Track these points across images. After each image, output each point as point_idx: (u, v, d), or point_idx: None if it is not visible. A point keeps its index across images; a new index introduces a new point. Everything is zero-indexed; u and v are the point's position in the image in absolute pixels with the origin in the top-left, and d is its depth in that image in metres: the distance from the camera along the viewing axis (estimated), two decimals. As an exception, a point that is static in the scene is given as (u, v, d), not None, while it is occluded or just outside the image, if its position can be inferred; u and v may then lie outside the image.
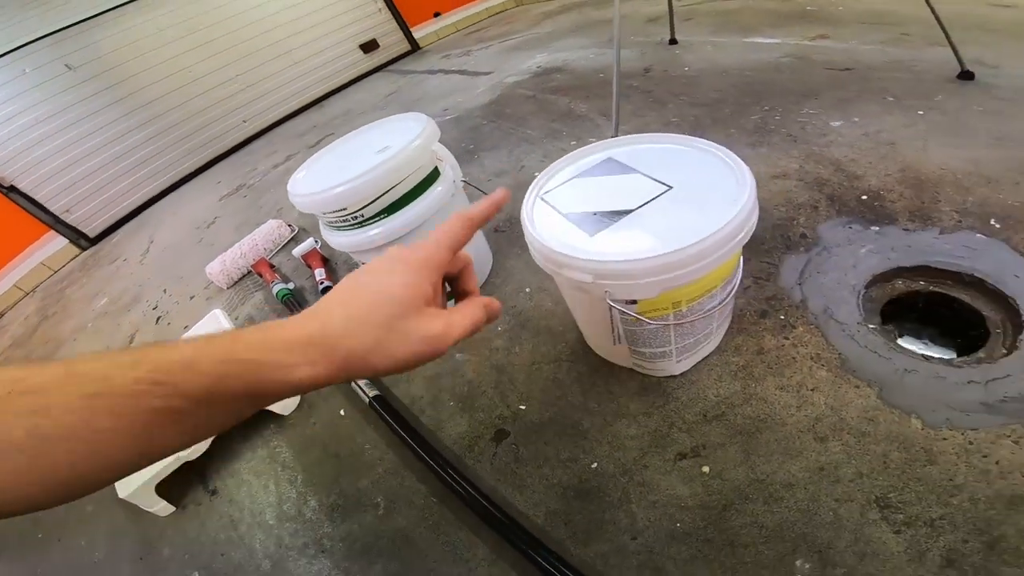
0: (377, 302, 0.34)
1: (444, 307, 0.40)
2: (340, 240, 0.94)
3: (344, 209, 0.86)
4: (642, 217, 0.63)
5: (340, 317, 0.33)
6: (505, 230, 1.28)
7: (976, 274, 0.83)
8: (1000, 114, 1.11)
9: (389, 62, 3.85)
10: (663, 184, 0.67)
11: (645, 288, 0.58)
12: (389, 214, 0.89)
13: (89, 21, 2.76)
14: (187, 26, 3.05)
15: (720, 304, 0.68)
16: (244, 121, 3.32)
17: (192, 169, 3.19)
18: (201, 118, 3.16)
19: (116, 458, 0.27)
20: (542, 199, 0.74)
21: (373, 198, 0.86)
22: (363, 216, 0.88)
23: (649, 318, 0.64)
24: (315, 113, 3.40)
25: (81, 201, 2.85)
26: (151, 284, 2.05)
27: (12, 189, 2.64)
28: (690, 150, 0.72)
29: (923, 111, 1.16)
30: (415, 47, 3.96)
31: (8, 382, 0.25)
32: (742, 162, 0.64)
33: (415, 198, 0.90)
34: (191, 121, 3.13)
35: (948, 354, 0.80)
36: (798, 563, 0.58)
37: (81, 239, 2.88)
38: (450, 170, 0.96)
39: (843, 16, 1.77)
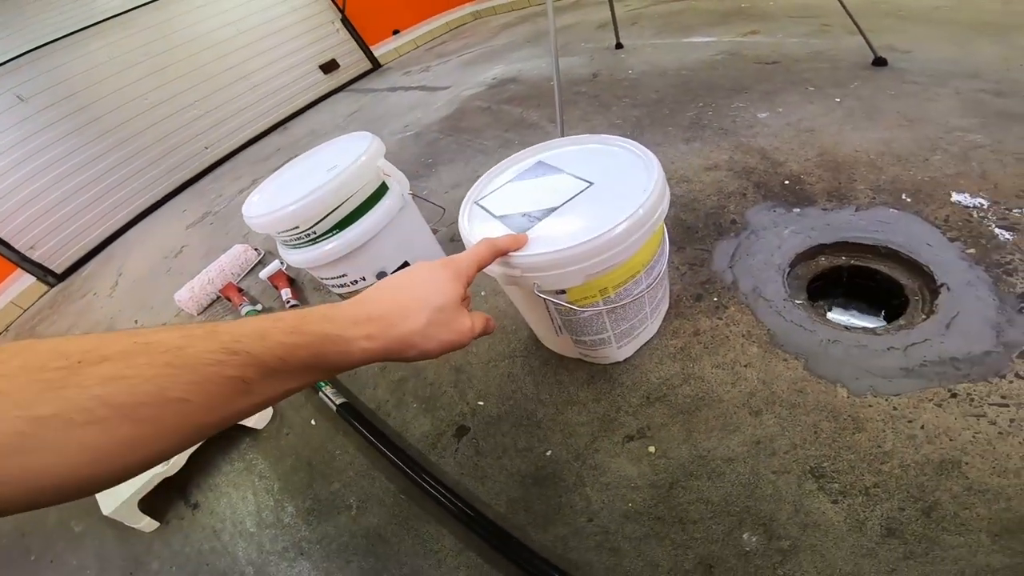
0: (428, 295, 0.42)
1: (469, 309, 0.48)
2: (297, 257, 0.98)
3: (297, 227, 0.90)
4: (566, 212, 0.69)
5: (396, 303, 0.40)
6: (459, 240, 1.31)
7: (891, 246, 0.89)
8: (910, 96, 1.20)
9: (350, 81, 3.89)
10: (585, 181, 0.73)
11: (570, 277, 0.63)
12: (341, 229, 0.93)
13: (38, 51, 2.71)
14: (141, 52, 3.03)
15: (648, 288, 0.74)
16: (206, 148, 3.31)
17: (157, 198, 3.16)
18: (162, 146, 3.14)
19: (188, 426, 0.27)
20: (477, 204, 0.79)
21: (324, 215, 0.90)
22: (316, 232, 0.92)
23: (580, 306, 0.69)
24: (278, 136, 3.41)
25: (45, 236, 2.80)
26: (122, 316, 2.05)
27: (-28, 228, 2.60)
28: (610, 148, 0.78)
29: (840, 98, 1.25)
30: (376, 65, 4.00)
31: (78, 352, 0.24)
32: (652, 154, 0.70)
33: (365, 212, 0.95)
34: (152, 149, 3.11)
35: (877, 324, 0.86)
36: (745, 536, 0.61)
37: (49, 276, 2.84)
38: (397, 184, 1.00)
39: (773, 11, 1.87)
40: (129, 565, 0.99)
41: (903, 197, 0.96)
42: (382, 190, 0.98)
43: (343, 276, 1.01)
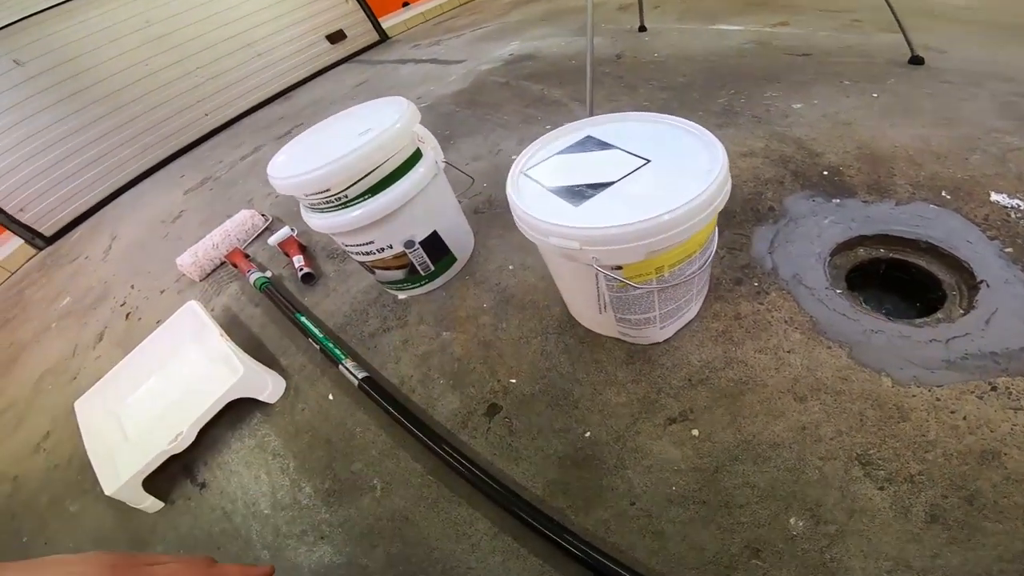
0: None
1: None
2: (322, 222, 0.94)
3: (328, 190, 0.86)
4: (623, 188, 0.66)
5: None
6: (485, 211, 1.29)
7: (931, 241, 0.89)
8: (946, 96, 1.19)
9: (357, 52, 3.78)
10: (641, 158, 0.70)
11: (631, 253, 0.61)
12: (373, 194, 0.89)
13: (39, 15, 2.62)
14: (143, 18, 2.93)
15: (699, 269, 0.72)
16: (206, 114, 3.21)
17: (151, 164, 3.07)
18: (160, 112, 3.05)
19: None
20: (525, 175, 0.76)
21: (357, 178, 0.86)
22: (347, 197, 0.88)
23: (636, 283, 0.67)
24: (281, 104, 3.31)
25: (36, 199, 2.73)
26: (117, 280, 1.97)
27: (-41, 190, 2.51)
28: (663, 127, 0.76)
29: (876, 94, 1.23)
30: (384, 37, 3.90)
31: None
32: (713, 135, 0.68)
33: (398, 178, 0.91)
34: (150, 115, 3.02)
35: (914, 317, 0.86)
36: (792, 521, 0.60)
37: (37, 238, 2.75)
38: (432, 152, 0.97)
39: (801, 4, 1.84)
40: (131, 547, 0.94)
41: (943, 194, 0.95)
42: (416, 156, 0.94)
43: (370, 244, 0.97)
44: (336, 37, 3.65)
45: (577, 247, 0.62)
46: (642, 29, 2.05)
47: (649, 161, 0.69)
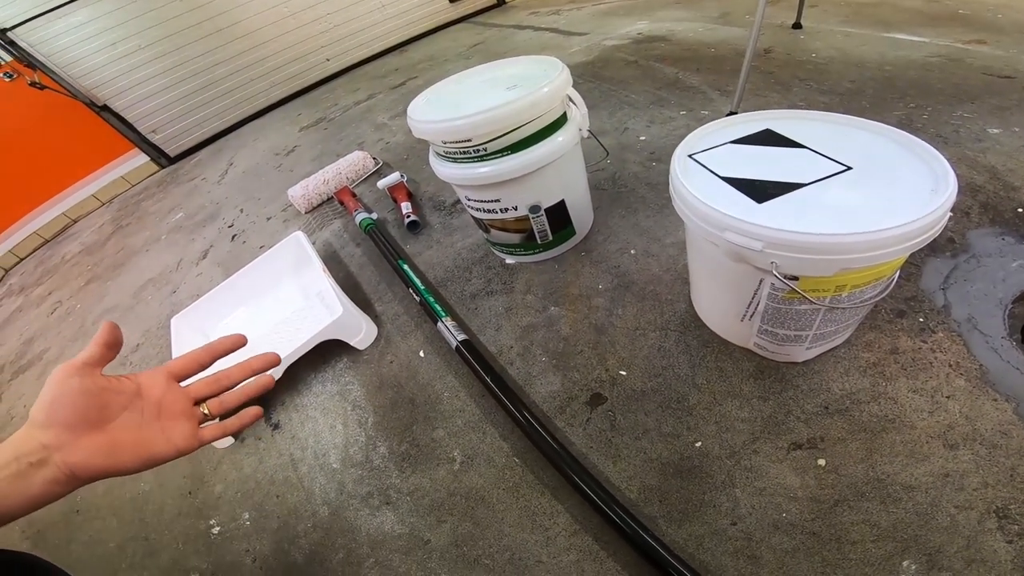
0: None
1: None
2: (452, 172, 0.91)
3: (469, 140, 0.83)
4: (817, 193, 0.58)
5: None
6: (607, 188, 1.22)
7: None
8: None
9: (473, 14, 3.79)
10: (839, 163, 0.61)
11: (821, 265, 0.53)
12: (512, 152, 0.85)
13: None
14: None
15: (878, 295, 0.63)
16: (327, 60, 3.38)
17: (273, 101, 3.29)
18: (289, 53, 3.23)
19: None
20: (693, 159, 0.69)
21: (501, 133, 0.82)
22: (485, 151, 0.85)
23: (812, 297, 0.59)
24: (396, 57, 3.37)
25: (168, 123, 2.99)
26: (228, 203, 2.09)
27: (105, 108, 2.78)
28: (862, 132, 0.66)
29: (1096, 132, 1.03)
30: (501, 1, 3.86)
31: None
32: (935, 150, 0.57)
33: (539, 140, 0.86)
34: (280, 55, 3.21)
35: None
36: (905, 564, 0.57)
37: (162, 158, 3.02)
38: (579, 118, 0.91)
39: (1002, 24, 1.58)
40: (189, 484, 0.94)
41: None
42: (561, 121, 0.89)
43: (495, 202, 0.94)
44: (457, -4, 3.65)
45: (759, 248, 0.55)
46: (797, 26, 1.86)
47: (850, 168, 0.60)
